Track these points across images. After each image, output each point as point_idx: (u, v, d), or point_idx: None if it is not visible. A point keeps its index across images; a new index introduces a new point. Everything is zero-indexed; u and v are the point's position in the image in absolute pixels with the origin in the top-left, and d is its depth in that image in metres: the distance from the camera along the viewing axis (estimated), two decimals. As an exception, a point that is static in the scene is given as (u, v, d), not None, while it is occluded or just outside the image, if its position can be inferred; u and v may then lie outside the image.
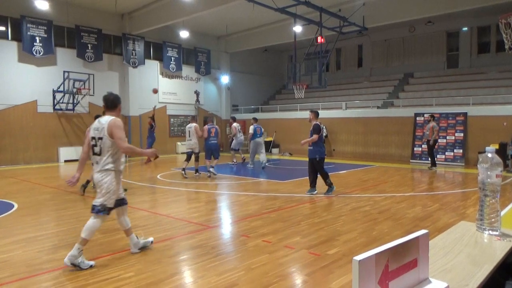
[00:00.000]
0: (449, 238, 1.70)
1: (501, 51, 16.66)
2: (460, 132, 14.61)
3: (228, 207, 7.35)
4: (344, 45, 22.04)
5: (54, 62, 15.83)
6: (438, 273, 1.30)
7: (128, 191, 8.94)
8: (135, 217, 6.32)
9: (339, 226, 5.62)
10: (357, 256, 0.98)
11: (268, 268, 3.94)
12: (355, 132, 17.40)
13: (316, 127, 8.09)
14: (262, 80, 24.94)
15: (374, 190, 8.88)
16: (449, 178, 11.26)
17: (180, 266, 4.15)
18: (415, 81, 19.62)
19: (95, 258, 4.25)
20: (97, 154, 4.14)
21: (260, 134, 13.37)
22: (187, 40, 19.71)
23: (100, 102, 16.46)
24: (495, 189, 1.77)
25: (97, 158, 4.15)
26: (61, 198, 8.02)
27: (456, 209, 6.79)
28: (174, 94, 20.16)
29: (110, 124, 4.10)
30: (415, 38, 20.21)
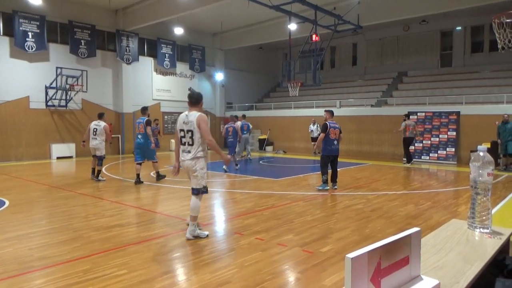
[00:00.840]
0: (441, 236, 1.71)
1: (494, 51, 16.79)
2: (452, 130, 14.72)
3: (221, 205, 7.35)
4: (338, 43, 22.08)
5: (47, 58, 15.68)
6: (430, 270, 1.31)
7: (122, 188, 8.91)
8: (128, 214, 6.30)
9: (332, 224, 5.64)
10: (349, 253, 0.98)
11: (261, 266, 3.95)
12: (349, 131, 17.44)
13: (323, 126, 8.56)
14: (256, 78, 24.91)
15: (367, 188, 8.93)
16: (441, 176, 11.34)
17: (173, 264, 4.14)
18: (409, 79, 19.72)
19: (88, 256, 4.23)
20: (188, 144, 4.81)
21: (247, 130, 13.94)
22: (181, 37, 19.61)
23: (93, 98, 16.52)
24: (486, 188, 1.79)
25: (189, 148, 4.81)
26: (53, 195, 7.96)
27: (448, 207, 6.85)
28: (168, 91, 20.07)
29: (198, 118, 4.75)
30: (410, 37, 20.30)
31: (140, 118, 9.56)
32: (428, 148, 15.20)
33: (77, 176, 11.08)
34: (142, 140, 9.42)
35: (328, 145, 8.45)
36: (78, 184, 9.47)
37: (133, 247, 4.56)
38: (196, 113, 4.83)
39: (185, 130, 4.82)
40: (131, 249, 4.50)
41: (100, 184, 9.44)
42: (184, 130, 4.83)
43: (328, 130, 8.39)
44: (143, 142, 9.42)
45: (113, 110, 17.93)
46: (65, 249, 4.47)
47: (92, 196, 7.77)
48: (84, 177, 10.64)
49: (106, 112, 17.52)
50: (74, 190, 8.43)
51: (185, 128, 4.82)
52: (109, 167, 12.93)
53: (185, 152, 4.86)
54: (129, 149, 18.09)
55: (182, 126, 4.85)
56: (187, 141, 4.82)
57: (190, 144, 4.80)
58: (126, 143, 18.09)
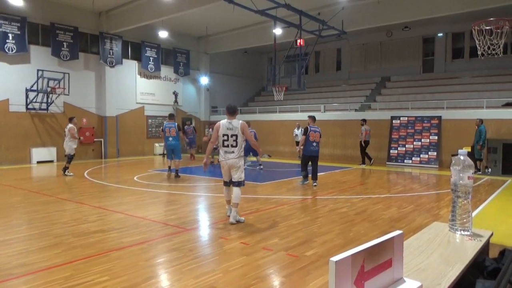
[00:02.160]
0: (423, 239, 1.73)
1: (474, 57, 17.22)
2: (434, 135, 15.00)
3: (206, 209, 7.30)
4: (323, 48, 22.29)
5: (28, 60, 15.37)
6: (412, 273, 1.32)
7: (104, 193, 8.77)
8: (110, 219, 6.20)
9: (316, 228, 5.66)
10: (333, 257, 0.98)
11: (246, 270, 3.93)
12: (334, 135, 17.62)
13: (304, 129, 9.84)
14: (241, 82, 24.93)
15: (352, 191, 9.00)
16: (423, 180, 11.53)
17: (156, 270, 4.08)
18: (392, 84, 20.04)
19: (69, 262, 4.13)
20: (232, 146, 5.91)
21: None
22: (166, 40, 19.50)
23: (76, 101, 16.45)
24: (467, 191, 1.82)
25: (232, 149, 5.92)
26: (32, 200, 7.78)
27: (430, 210, 6.96)
28: (152, 95, 19.90)
29: (241, 126, 5.91)
30: (392, 43, 20.65)
31: (169, 123, 11.02)
32: (411, 152, 15.45)
33: (58, 180, 10.86)
34: (173, 141, 10.89)
35: (308, 146, 9.60)
36: (59, 189, 9.28)
37: (115, 253, 4.48)
38: (238, 121, 5.97)
39: (229, 135, 5.89)
40: (114, 255, 4.42)
41: (81, 188, 9.27)
42: (228, 134, 5.89)
43: (308, 133, 9.56)
44: (175, 143, 10.90)
45: (96, 114, 17.67)
46: (45, 256, 4.36)
47: (73, 201, 7.61)
48: (65, 182, 10.44)
49: (89, 115, 17.41)
50: (54, 195, 8.25)
51: (229, 133, 5.89)
52: (92, 171, 12.72)
53: (228, 153, 5.93)
54: (112, 153, 17.85)
55: (226, 132, 5.90)
56: (230, 144, 5.90)
57: (234, 146, 5.90)
58: (109, 147, 17.83)
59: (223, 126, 5.96)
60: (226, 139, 5.91)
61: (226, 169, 6.08)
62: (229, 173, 6.09)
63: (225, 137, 5.91)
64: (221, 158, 6.03)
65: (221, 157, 6.03)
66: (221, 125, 5.99)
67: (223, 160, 6.00)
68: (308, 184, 9.88)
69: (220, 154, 6.04)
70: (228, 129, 5.91)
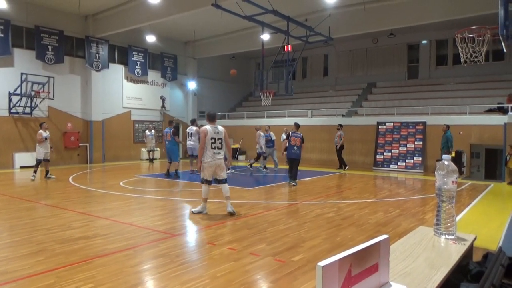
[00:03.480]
0: (409, 243, 1.75)
1: (458, 64, 17.57)
2: (419, 140, 15.23)
3: (193, 215, 7.24)
4: (310, 54, 22.47)
5: (11, 63, 15.10)
6: (398, 277, 1.33)
7: (89, 199, 8.63)
8: (95, 226, 6.10)
9: (304, 233, 5.67)
10: (321, 262, 0.98)
11: (234, 276, 3.91)
12: (321, 140, 17.71)
13: (287, 134, 11.01)
14: (229, 87, 24.93)
15: (338, 196, 9.05)
16: (409, 185, 11.67)
17: (142, 276, 4.02)
18: (378, 90, 20.30)
19: (52, 270, 4.05)
20: (218, 148, 6.75)
21: None
22: (153, 44, 19.41)
23: (61, 106, 16.29)
24: (451, 195, 1.84)
25: (219, 151, 6.78)
26: (15, 206, 7.60)
27: (416, 215, 7.04)
28: (139, 99, 19.74)
29: (224, 131, 6.90)
30: (378, 49, 20.95)
31: (167, 128, 12.62)
32: (396, 157, 15.64)
33: (42, 186, 10.65)
34: (168, 145, 12.44)
35: (289, 150, 10.66)
36: (42, 194, 9.10)
37: (100, 260, 4.40)
38: (220, 127, 6.90)
39: (216, 138, 6.74)
40: (98, 262, 4.34)
41: (65, 193, 9.11)
42: (215, 138, 6.73)
43: (289, 137, 10.65)
44: (169, 146, 12.39)
45: (82, 118, 17.43)
46: (27, 263, 4.26)
47: (57, 207, 7.47)
48: (49, 187, 10.25)
49: (74, 119, 17.17)
50: (38, 201, 8.09)
51: (216, 136, 6.74)
52: (77, 176, 12.52)
53: (216, 154, 6.74)
54: (98, 158, 17.62)
55: (214, 135, 6.73)
56: (217, 146, 6.75)
57: (220, 148, 6.79)
58: (95, 152, 17.59)
59: (210, 130, 6.72)
60: (214, 142, 6.72)
61: (213, 169, 6.76)
62: (214, 173, 6.79)
63: (213, 140, 6.71)
64: (210, 159, 6.69)
65: (210, 158, 6.69)
66: (208, 130, 6.71)
67: (212, 160, 6.70)
68: (294, 189, 9.91)
69: (208, 156, 6.68)
70: (215, 133, 6.76)
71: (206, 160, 6.71)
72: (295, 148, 10.62)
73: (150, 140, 18.21)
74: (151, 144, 18.27)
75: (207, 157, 6.70)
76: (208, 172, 6.74)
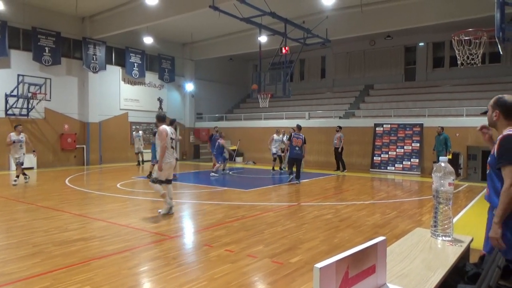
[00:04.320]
0: (406, 244, 1.75)
1: (454, 66, 17.66)
2: (416, 142, 15.27)
3: (190, 216, 7.23)
4: (307, 56, 22.52)
5: (8, 64, 15.05)
6: (395, 278, 1.33)
7: (86, 200, 8.61)
8: (92, 227, 6.08)
9: (301, 234, 5.67)
10: (318, 263, 0.99)
11: (231, 278, 3.90)
12: (318, 142, 17.73)
13: (289, 135, 11.68)
14: (227, 89, 24.94)
15: (336, 198, 9.06)
16: (406, 187, 11.70)
17: (139, 278, 4.01)
18: (375, 92, 20.35)
19: (49, 272, 4.03)
20: (173, 148, 7.06)
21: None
22: (151, 46, 19.39)
23: (57, 107, 16.21)
24: (448, 197, 1.85)
25: (174, 151, 7.11)
26: (11, 208, 7.57)
27: (413, 216, 7.05)
28: (137, 101, 19.71)
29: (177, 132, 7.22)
30: (375, 52, 21.01)
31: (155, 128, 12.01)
32: (394, 158, 15.67)
33: (38, 188, 10.61)
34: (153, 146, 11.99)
35: (292, 150, 11.33)
36: (39, 196, 9.07)
37: (97, 262, 4.39)
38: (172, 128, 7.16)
39: (172, 139, 6.99)
40: (95, 263, 4.33)
41: (62, 195, 9.08)
42: (173, 138, 7.03)
43: (291, 139, 11.33)
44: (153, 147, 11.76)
45: (78, 120, 17.39)
46: (24, 265, 4.24)
47: (54, 209, 7.45)
48: (46, 189, 10.21)
49: (71, 121, 17.11)
50: (34, 203, 8.06)
51: (173, 137, 7.04)
52: (74, 178, 12.48)
53: (172, 154, 6.94)
54: (95, 159, 17.57)
55: (172, 136, 6.98)
56: (173, 146, 7.03)
57: (174, 149, 7.08)
58: (92, 154, 17.55)
59: (168, 131, 6.94)
60: (171, 142, 6.97)
61: (172, 170, 7.05)
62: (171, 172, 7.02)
63: (171, 140, 6.98)
64: (170, 158, 6.91)
65: (170, 158, 6.91)
66: (167, 130, 6.92)
67: (172, 160, 6.98)
68: (292, 190, 9.91)
69: (168, 156, 6.85)
70: (172, 134, 7.08)
71: (167, 160, 6.83)
72: (296, 148, 11.25)
73: (138, 141, 17.49)
74: (138, 145, 17.54)
75: (168, 157, 6.85)
76: (168, 173, 6.91)
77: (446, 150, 12.46)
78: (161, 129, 6.85)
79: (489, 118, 2.53)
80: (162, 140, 6.79)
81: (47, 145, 16.22)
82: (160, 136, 6.81)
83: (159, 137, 6.84)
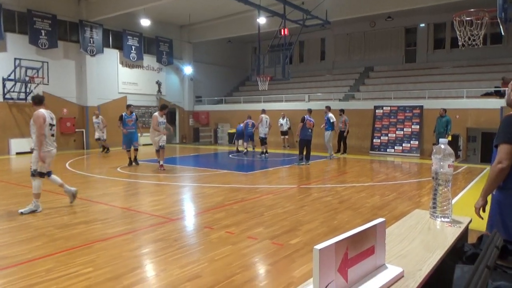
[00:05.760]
0: (405, 226, 1.76)
1: (455, 47, 17.49)
2: (416, 124, 15.26)
3: (191, 199, 7.28)
4: (307, 38, 22.27)
5: (4, 48, 14.88)
6: (394, 259, 1.35)
7: (87, 183, 8.64)
8: (94, 210, 6.12)
9: (301, 216, 5.72)
10: (317, 245, 0.99)
11: (232, 259, 3.95)
12: (317, 124, 17.61)
13: (302, 118, 11.68)
14: (226, 71, 24.75)
15: (336, 180, 9.11)
16: (405, 169, 11.75)
17: (141, 260, 4.06)
18: (375, 74, 20.22)
19: (51, 255, 4.08)
20: (53, 136, 6.05)
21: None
22: (148, 28, 19.14)
23: (56, 91, 15.99)
24: (447, 179, 1.86)
25: (54, 139, 6.10)
26: (12, 192, 7.61)
27: (412, 198, 7.11)
28: (135, 84, 19.59)
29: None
30: (376, 33, 20.77)
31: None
32: (393, 141, 15.69)
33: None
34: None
35: (304, 132, 11.57)
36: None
37: (99, 244, 4.44)
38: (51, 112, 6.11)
39: (52, 125, 5.99)
40: (97, 246, 4.38)
41: (63, 179, 9.09)
42: (52, 124, 6.00)
43: (305, 121, 11.56)
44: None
45: (77, 104, 17.31)
46: (26, 248, 4.29)
47: (54, 193, 7.48)
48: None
49: (69, 105, 17.03)
50: (35, 187, 8.08)
51: (53, 122, 6.00)
52: (74, 162, 12.51)
53: (52, 143, 6.01)
54: (94, 143, 17.56)
55: (51, 121, 5.96)
56: (53, 133, 6.03)
57: (54, 136, 6.06)
58: (91, 138, 17.52)
59: (47, 115, 5.90)
60: (51, 128, 5.98)
61: (52, 160, 6.07)
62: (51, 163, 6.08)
63: (51, 126, 5.97)
64: (51, 146, 5.97)
65: (51, 146, 5.97)
66: (46, 114, 5.88)
67: (53, 149, 6.00)
68: (292, 173, 9.95)
69: (49, 144, 5.92)
70: (51, 119, 5.99)
71: (47, 148, 5.86)
72: (309, 131, 11.66)
73: (97, 128, 15.53)
74: (99, 132, 15.56)
75: (49, 145, 5.90)
76: (49, 163, 5.98)
77: (445, 133, 12.46)
78: (38, 113, 5.79)
79: (507, 98, 2.61)
80: (39, 126, 5.73)
81: (46, 129, 16.17)
82: (37, 121, 5.75)
83: (34, 123, 5.79)
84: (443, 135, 12.39)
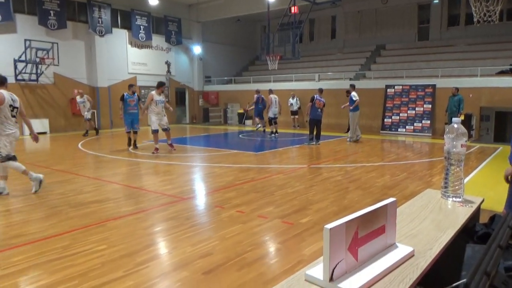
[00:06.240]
0: (416, 205, 1.76)
1: (470, 24, 16.99)
2: (428, 103, 15.03)
3: (201, 179, 7.35)
4: (317, 16, 21.84)
5: (14, 29, 14.91)
6: (405, 238, 1.35)
7: (98, 164, 8.77)
8: (106, 190, 6.24)
9: (311, 196, 5.75)
10: (328, 224, 1.00)
11: (242, 238, 4.01)
12: (328, 104, 17.42)
13: (311, 97, 11.66)
14: (235, 51, 24.51)
15: (346, 160, 9.09)
16: (417, 148, 11.65)
17: (154, 238, 4.15)
18: (387, 53, 19.82)
19: (67, 232, 4.19)
20: (14, 117, 5.81)
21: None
22: (156, 8, 18.95)
23: (66, 72, 16.04)
24: (459, 158, 1.84)
25: (16, 120, 5.86)
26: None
27: (423, 178, 7.07)
28: (144, 65, 19.56)
29: (19, 99, 5.94)
30: (388, 10, 20.26)
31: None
32: (405, 120, 15.52)
33: (53, 152, 10.82)
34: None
35: (314, 112, 11.59)
36: (53, 160, 9.26)
37: (112, 223, 4.54)
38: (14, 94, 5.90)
39: (15, 107, 5.77)
40: (111, 224, 4.48)
41: (75, 159, 9.26)
42: (15, 106, 5.76)
43: (314, 101, 11.49)
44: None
45: (88, 84, 17.40)
46: (42, 226, 4.41)
47: (68, 172, 7.63)
48: (59, 153, 10.41)
49: (80, 86, 17.09)
50: (49, 167, 8.25)
51: (14, 104, 5.75)
52: (86, 142, 12.67)
53: (14, 125, 5.79)
54: (105, 124, 17.73)
55: (12, 103, 5.72)
56: (15, 115, 5.80)
57: (15, 117, 5.82)
58: (102, 118, 17.69)
59: (7, 97, 5.63)
60: (12, 110, 5.72)
61: (15, 143, 5.84)
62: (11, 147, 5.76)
63: (11, 108, 5.70)
64: (12, 129, 5.70)
65: (12, 129, 5.70)
66: (5, 95, 5.59)
67: (15, 131, 5.76)
68: (302, 153, 9.95)
69: (11, 125, 5.68)
70: (13, 101, 5.75)
71: (9, 131, 5.66)
72: (319, 110, 11.66)
73: (83, 108, 14.46)
74: (85, 112, 14.51)
75: (10, 127, 5.68)
76: (12, 147, 5.74)
77: (458, 112, 12.27)
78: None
79: None
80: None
81: (58, 110, 16.36)
82: None
83: None
84: (455, 114, 12.20)
